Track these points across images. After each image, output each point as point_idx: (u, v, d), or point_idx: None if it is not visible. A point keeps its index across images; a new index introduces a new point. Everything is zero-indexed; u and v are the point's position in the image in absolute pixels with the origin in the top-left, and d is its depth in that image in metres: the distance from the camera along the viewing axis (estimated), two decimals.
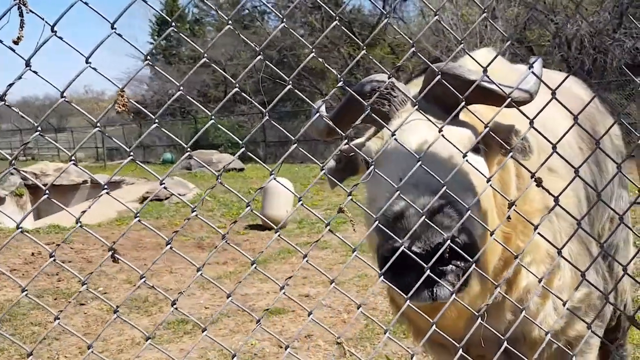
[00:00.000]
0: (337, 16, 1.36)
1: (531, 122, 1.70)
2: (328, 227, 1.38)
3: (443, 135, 1.60)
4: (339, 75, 1.36)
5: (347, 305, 6.14)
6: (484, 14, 1.58)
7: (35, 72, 1.18)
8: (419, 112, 1.62)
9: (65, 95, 1.24)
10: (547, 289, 1.86)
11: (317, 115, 1.72)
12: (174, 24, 1.20)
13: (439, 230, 1.59)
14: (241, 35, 1.29)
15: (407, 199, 1.60)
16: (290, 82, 1.34)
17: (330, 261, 8.24)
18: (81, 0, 1.15)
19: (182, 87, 1.22)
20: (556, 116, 2.31)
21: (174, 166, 1.32)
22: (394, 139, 1.57)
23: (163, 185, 1.26)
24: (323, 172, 1.47)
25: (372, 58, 1.66)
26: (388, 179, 1.60)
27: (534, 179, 1.68)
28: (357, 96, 1.69)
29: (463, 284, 1.74)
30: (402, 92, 1.92)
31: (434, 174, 1.61)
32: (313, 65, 30.07)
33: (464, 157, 1.64)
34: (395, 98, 1.93)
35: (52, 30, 1.14)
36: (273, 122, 1.34)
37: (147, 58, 1.20)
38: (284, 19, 1.27)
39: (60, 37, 1.16)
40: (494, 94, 1.81)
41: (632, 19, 2.91)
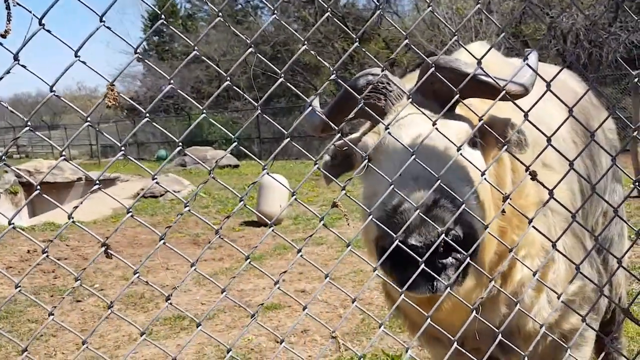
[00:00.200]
0: (329, 9, 1.34)
1: (526, 115, 1.70)
2: (322, 222, 1.37)
3: (437, 129, 1.60)
4: (332, 69, 1.35)
5: (343, 300, 6.14)
6: (477, 5, 1.57)
7: (23, 66, 1.16)
8: (413, 105, 1.61)
9: (55, 89, 1.23)
10: (542, 282, 1.86)
11: (310, 109, 1.71)
12: (163, 17, 1.18)
13: (433, 224, 1.59)
14: (232, 28, 1.28)
15: (407, 192, 1.59)
16: (283, 75, 1.33)
17: (326, 257, 8.23)
18: None
19: (172, 82, 1.20)
20: (551, 110, 2.31)
21: (165, 161, 1.31)
22: (389, 134, 1.56)
23: (155, 181, 1.25)
24: (316, 166, 1.46)
25: (366, 52, 1.65)
26: (388, 172, 1.59)
27: (528, 172, 1.67)
28: (351, 90, 1.68)
29: (462, 277, 1.74)
30: (397, 86, 1.91)
31: (432, 167, 1.60)
32: (307, 61, 30.05)
33: (458, 151, 1.63)
34: (391, 92, 1.92)
35: (39, 23, 1.13)
36: (266, 116, 1.32)
37: (136, 52, 1.19)
38: (275, 11, 1.25)
39: (48, 31, 1.14)
40: (489, 87, 1.80)
41: (629, 11, 2.89)
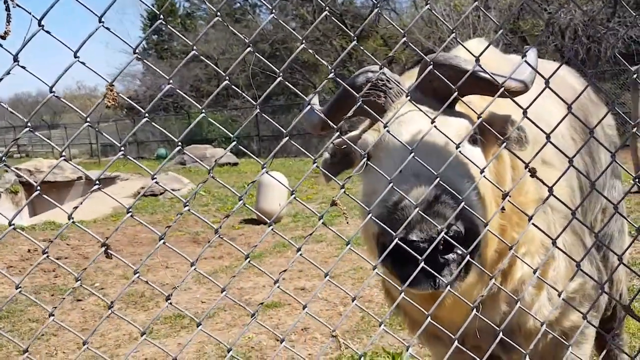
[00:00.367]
0: (327, 7, 1.35)
1: (525, 111, 1.70)
2: (321, 220, 1.38)
3: (436, 126, 1.60)
4: (330, 67, 1.35)
5: (343, 297, 6.15)
6: (475, 3, 1.57)
7: (23, 67, 1.16)
8: (412, 103, 1.61)
9: (54, 90, 1.23)
10: (542, 279, 1.86)
11: (309, 108, 1.71)
12: (162, 17, 1.19)
13: (435, 220, 1.59)
14: (230, 27, 1.28)
15: (408, 189, 1.60)
16: (281, 74, 1.33)
17: (325, 254, 8.24)
18: None
19: (171, 81, 1.21)
20: (550, 107, 2.31)
21: (165, 161, 1.31)
22: (388, 132, 1.56)
23: (155, 181, 1.25)
24: (315, 165, 1.46)
25: (364, 50, 1.65)
26: (388, 169, 1.59)
27: (527, 169, 1.68)
28: (350, 89, 1.69)
29: (464, 272, 1.74)
30: (397, 84, 1.91)
31: (432, 164, 1.60)
32: (306, 59, 30.03)
33: (457, 148, 1.63)
34: (390, 90, 1.92)
35: (39, 24, 1.13)
36: (265, 115, 1.32)
37: (135, 52, 1.19)
38: (273, 10, 1.26)
39: (47, 32, 1.14)
40: (488, 84, 1.80)
41: (627, 7, 2.89)
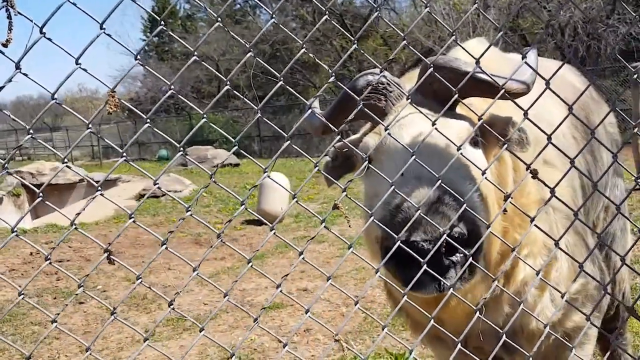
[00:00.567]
0: (327, 11, 1.35)
1: (525, 113, 1.70)
2: (323, 224, 1.38)
3: (437, 129, 1.60)
4: (330, 70, 1.36)
5: (346, 298, 6.14)
6: (475, 5, 1.57)
7: (25, 74, 1.16)
8: (412, 106, 1.61)
9: (56, 96, 1.23)
10: (545, 281, 1.86)
11: (310, 112, 1.71)
12: (163, 23, 1.19)
13: (438, 221, 1.59)
14: (231, 33, 1.28)
15: (410, 191, 1.60)
16: (282, 78, 1.33)
17: (327, 255, 8.24)
18: (69, 1, 1.13)
19: (173, 87, 1.21)
20: (551, 107, 2.31)
21: (168, 165, 1.31)
22: (389, 134, 1.57)
23: (157, 186, 1.26)
24: (317, 169, 1.46)
25: (363, 52, 1.65)
26: (390, 172, 1.59)
27: (529, 170, 1.68)
28: (350, 92, 1.69)
29: (470, 274, 1.74)
30: (397, 87, 1.91)
31: (434, 167, 1.60)
32: (306, 59, 30.03)
33: (458, 150, 1.63)
34: (391, 93, 1.92)
35: (40, 31, 1.13)
36: (266, 120, 1.33)
37: (137, 58, 1.20)
38: (273, 15, 1.26)
39: (49, 39, 1.15)
40: (489, 86, 1.80)
41: (625, 6, 2.89)
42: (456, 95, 1.67)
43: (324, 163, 2.19)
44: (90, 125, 1.27)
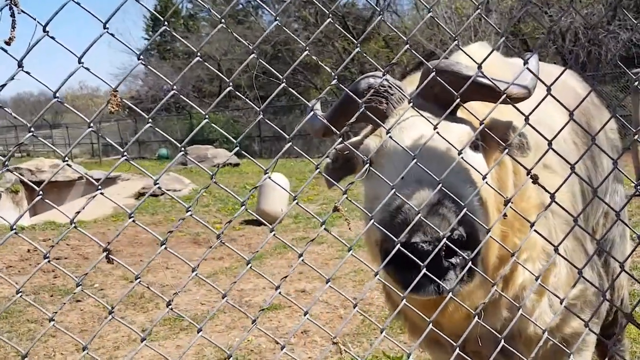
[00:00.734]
0: (331, 13, 1.35)
1: (527, 118, 1.70)
2: (323, 226, 1.38)
3: (438, 132, 1.60)
4: (333, 73, 1.36)
5: (344, 300, 6.13)
6: (477, 10, 1.57)
7: (27, 72, 1.16)
8: (414, 109, 1.61)
9: (58, 95, 1.23)
10: (544, 286, 1.86)
11: (312, 114, 1.71)
12: (166, 24, 1.19)
13: (434, 227, 1.59)
14: (234, 34, 1.28)
15: (410, 193, 1.60)
16: (284, 80, 1.33)
17: (326, 256, 8.23)
18: (73, 0, 1.13)
19: (175, 87, 1.21)
20: (552, 112, 2.30)
21: (168, 165, 1.31)
22: (390, 137, 1.57)
23: (157, 186, 1.25)
24: (318, 170, 1.46)
25: (366, 55, 1.65)
26: (390, 175, 1.59)
27: (529, 175, 1.68)
28: (352, 95, 1.69)
29: (469, 277, 1.73)
30: (399, 90, 1.91)
31: (434, 170, 1.60)
32: (307, 60, 30.04)
33: (459, 154, 1.63)
34: (392, 96, 1.93)
35: (44, 30, 1.13)
36: (268, 121, 1.33)
37: (139, 58, 1.20)
38: (276, 17, 1.26)
39: (52, 37, 1.14)
40: (490, 90, 1.80)
41: (626, 13, 2.88)
42: (458, 100, 1.67)
43: (324, 165, 2.19)
44: (91, 124, 1.27)
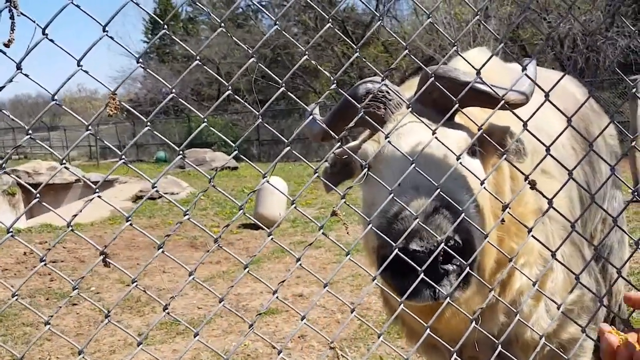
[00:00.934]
0: (330, 18, 1.35)
1: (525, 124, 1.70)
2: (321, 230, 1.37)
3: (437, 138, 1.60)
4: (332, 77, 1.35)
5: (341, 305, 6.13)
6: (477, 16, 1.57)
7: (26, 75, 1.16)
8: (413, 115, 1.61)
9: (56, 97, 1.22)
10: (541, 291, 1.86)
11: (310, 118, 1.71)
12: (166, 27, 1.18)
13: (433, 231, 1.59)
14: (234, 38, 1.28)
15: (407, 200, 1.59)
16: (283, 84, 1.33)
17: (323, 260, 8.23)
18: (72, 3, 1.13)
19: (174, 90, 1.20)
20: (550, 118, 2.31)
21: (166, 168, 1.31)
22: (389, 142, 1.56)
23: (155, 189, 1.25)
24: (316, 175, 1.46)
25: (365, 60, 1.65)
26: (388, 181, 1.59)
27: (527, 181, 1.67)
28: (351, 99, 1.69)
29: (465, 283, 1.73)
30: (397, 95, 1.91)
31: (432, 176, 1.60)
32: (307, 64, 30.09)
33: (457, 160, 1.63)
34: (390, 101, 1.93)
35: (43, 32, 1.13)
36: (267, 125, 1.32)
37: (139, 61, 1.19)
38: (276, 22, 1.26)
39: (51, 40, 1.14)
40: (488, 96, 1.80)
41: (623, 18, 2.90)
42: (456, 106, 1.67)
43: (323, 169, 2.18)
44: (90, 127, 1.26)
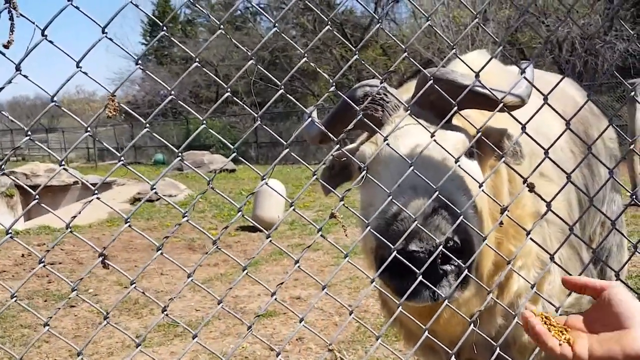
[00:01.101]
0: (329, 21, 1.35)
1: (523, 127, 1.70)
2: (320, 232, 1.38)
3: (436, 141, 1.60)
4: (331, 80, 1.36)
5: (339, 307, 6.13)
6: (475, 20, 1.58)
7: (25, 76, 1.16)
8: (411, 117, 1.61)
9: (55, 98, 1.23)
10: (539, 294, 1.86)
11: (309, 120, 1.71)
12: (165, 29, 1.19)
13: (430, 234, 1.59)
14: (233, 40, 1.28)
15: (405, 201, 1.60)
16: (283, 87, 1.33)
17: (321, 263, 8.22)
18: (72, 4, 1.13)
19: (173, 92, 1.21)
20: (549, 120, 2.31)
21: (165, 170, 1.31)
22: (387, 144, 1.57)
23: (154, 191, 1.25)
24: (315, 177, 1.46)
25: (364, 62, 1.65)
26: (386, 182, 1.59)
27: (526, 184, 1.68)
28: (349, 101, 1.69)
29: (464, 284, 1.73)
30: (394, 97, 1.92)
31: (430, 177, 1.60)
32: (305, 67, 30.14)
33: (456, 162, 1.64)
34: (387, 103, 1.93)
35: (42, 34, 1.13)
36: (265, 127, 1.32)
37: (138, 63, 1.19)
38: (275, 24, 1.26)
39: (50, 41, 1.14)
40: (485, 99, 1.81)
41: (622, 22, 2.91)
42: (455, 108, 1.67)
43: (321, 171, 2.19)
44: (89, 129, 1.26)
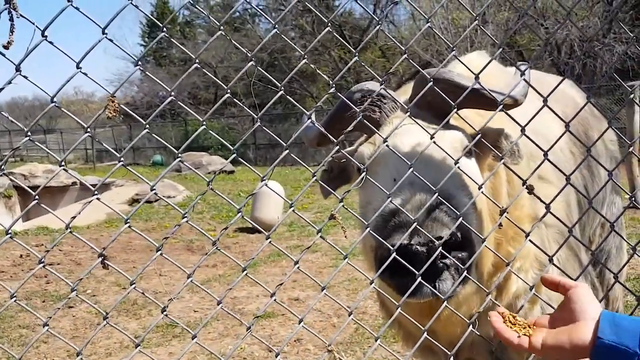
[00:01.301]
0: (329, 22, 1.35)
1: (523, 129, 1.70)
2: (319, 233, 1.38)
3: (435, 142, 1.60)
4: (330, 82, 1.36)
5: (337, 309, 6.13)
6: (475, 22, 1.58)
7: (25, 77, 1.16)
8: (410, 118, 1.62)
9: (55, 99, 1.23)
10: (538, 296, 1.86)
11: (308, 122, 1.71)
12: (165, 30, 1.19)
13: (428, 230, 1.59)
14: (233, 42, 1.28)
15: (404, 197, 1.60)
16: (282, 88, 1.34)
17: (320, 264, 8.22)
18: (72, 5, 1.13)
19: (172, 93, 1.21)
20: (549, 121, 2.31)
21: (164, 171, 1.31)
22: (387, 146, 1.57)
23: (154, 192, 1.25)
24: (314, 178, 1.46)
25: (363, 64, 1.66)
26: (385, 180, 1.59)
27: (525, 186, 1.68)
28: (348, 103, 1.69)
29: (464, 278, 1.73)
30: (392, 98, 1.92)
31: (429, 176, 1.61)
32: (304, 68, 30.16)
33: (455, 164, 1.64)
34: (385, 105, 1.93)
35: (42, 35, 1.13)
36: (265, 128, 1.33)
37: (137, 64, 1.20)
38: (275, 25, 1.26)
39: (50, 42, 1.14)
40: (482, 99, 1.81)
41: (621, 24, 2.91)
42: (455, 109, 1.68)
43: (320, 173, 2.19)
44: (88, 129, 1.27)
